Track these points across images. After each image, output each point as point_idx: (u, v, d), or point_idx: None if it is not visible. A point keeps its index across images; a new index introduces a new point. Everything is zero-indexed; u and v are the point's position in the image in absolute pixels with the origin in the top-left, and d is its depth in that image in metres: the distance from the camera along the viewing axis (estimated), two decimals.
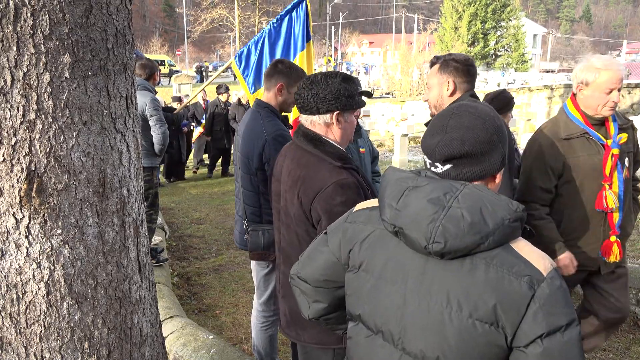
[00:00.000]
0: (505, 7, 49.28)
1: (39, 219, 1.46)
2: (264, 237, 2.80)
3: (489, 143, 1.25)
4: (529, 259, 1.17)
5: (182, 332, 3.45)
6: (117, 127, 1.62)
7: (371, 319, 1.35)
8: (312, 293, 1.54)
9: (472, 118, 1.27)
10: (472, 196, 1.19)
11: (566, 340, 1.13)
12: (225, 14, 41.11)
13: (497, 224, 1.16)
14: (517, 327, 1.14)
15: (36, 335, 1.52)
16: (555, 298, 1.14)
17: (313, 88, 2.03)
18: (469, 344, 1.17)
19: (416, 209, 1.21)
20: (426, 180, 1.26)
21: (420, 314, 1.23)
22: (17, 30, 1.37)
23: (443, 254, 1.19)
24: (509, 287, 1.14)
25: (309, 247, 1.58)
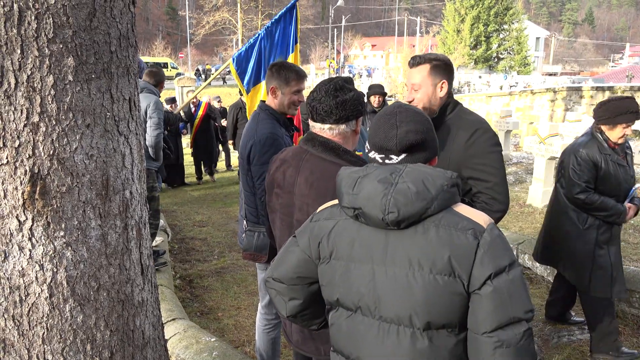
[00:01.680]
0: (507, 10, 49.26)
1: (42, 221, 1.47)
2: (258, 238, 2.82)
3: (432, 131, 1.53)
4: (469, 216, 1.39)
5: (184, 334, 3.45)
6: (120, 130, 1.63)
7: (348, 299, 1.50)
8: (287, 291, 1.66)
9: (413, 112, 1.52)
10: (414, 172, 1.41)
11: (511, 278, 1.33)
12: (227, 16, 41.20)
13: (438, 190, 1.38)
14: (470, 274, 1.34)
15: (39, 337, 1.52)
16: (496, 244, 1.35)
17: (339, 95, 1.96)
18: (434, 296, 1.35)
19: (369, 190, 1.41)
20: (373, 167, 1.48)
21: (389, 281, 1.41)
22: (21, 33, 1.38)
23: (398, 222, 1.38)
24: (457, 241, 1.34)
25: (280, 252, 1.70)
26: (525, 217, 7.13)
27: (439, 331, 1.38)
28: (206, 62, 56.30)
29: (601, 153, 3.33)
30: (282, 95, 2.84)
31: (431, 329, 1.38)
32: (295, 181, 2.06)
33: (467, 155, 2.37)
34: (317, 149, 2.02)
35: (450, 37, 49.10)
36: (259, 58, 5.19)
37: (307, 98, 2.12)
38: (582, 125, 11.49)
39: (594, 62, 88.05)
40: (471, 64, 48.01)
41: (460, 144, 2.38)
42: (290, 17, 5.24)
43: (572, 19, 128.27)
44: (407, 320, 1.39)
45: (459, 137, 2.39)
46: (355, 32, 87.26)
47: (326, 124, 2.01)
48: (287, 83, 2.81)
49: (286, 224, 2.14)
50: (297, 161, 2.08)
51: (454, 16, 49.19)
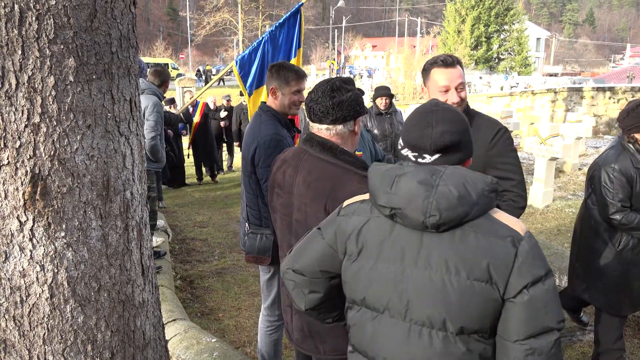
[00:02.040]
0: (508, 11, 49.25)
1: (42, 221, 1.47)
2: (260, 241, 2.81)
3: (468, 132, 1.49)
4: (507, 223, 1.37)
5: (184, 335, 3.45)
6: (120, 131, 1.63)
7: (375, 299, 1.47)
8: (308, 284, 1.63)
9: (451, 112, 1.47)
10: (455, 175, 1.38)
11: (547, 288, 1.33)
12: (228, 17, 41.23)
13: (479, 195, 1.36)
14: (507, 281, 1.32)
15: (39, 337, 1.52)
16: (534, 253, 1.34)
17: (335, 96, 1.96)
18: (470, 302, 1.34)
19: (409, 190, 1.38)
20: (410, 167, 1.44)
21: (422, 284, 1.38)
22: (22, 34, 1.38)
23: (438, 225, 1.36)
24: (497, 249, 1.33)
25: (301, 243, 1.68)
26: (527, 218, 7.13)
27: (470, 336, 1.37)
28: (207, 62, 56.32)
29: (635, 167, 3.01)
30: (283, 96, 2.83)
31: (464, 333, 1.37)
32: (294, 181, 2.07)
33: (491, 154, 2.38)
34: (315, 149, 2.02)
35: (450, 38, 49.09)
36: (262, 61, 5.20)
37: (305, 99, 2.12)
38: (583, 126, 11.50)
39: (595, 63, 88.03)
40: (472, 65, 48.01)
41: (483, 144, 2.36)
42: (294, 21, 5.25)
43: (572, 19, 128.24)
44: (439, 324, 1.38)
45: (482, 137, 2.37)
46: (355, 33, 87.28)
47: (323, 125, 2.01)
48: (287, 83, 2.81)
49: (286, 224, 2.15)
50: (296, 161, 2.09)
51: (455, 17, 49.18)
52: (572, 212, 7.36)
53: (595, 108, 16.53)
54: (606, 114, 16.47)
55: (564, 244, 5.74)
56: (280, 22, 5.32)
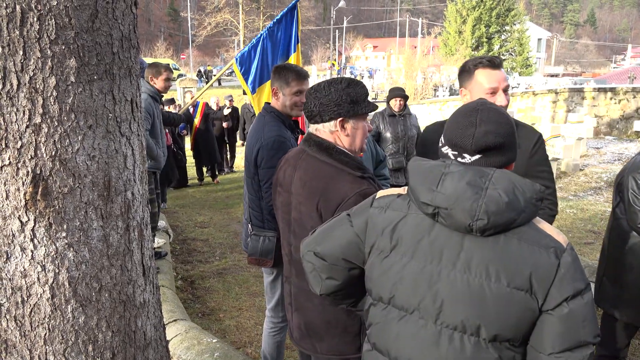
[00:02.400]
0: (509, 11, 49.22)
1: (44, 222, 1.47)
2: (263, 243, 2.80)
3: (513, 135, 1.43)
4: (551, 234, 1.35)
5: (185, 335, 3.45)
6: (122, 131, 1.63)
7: (405, 299, 1.44)
8: (327, 270, 1.60)
9: (497, 114, 1.42)
10: (504, 179, 1.34)
11: (586, 302, 1.31)
12: (229, 18, 41.25)
13: (527, 202, 1.33)
14: (547, 292, 1.30)
15: (40, 338, 1.52)
16: (575, 265, 1.32)
17: (317, 97, 1.99)
18: (507, 309, 1.31)
19: (457, 191, 1.34)
20: (456, 166, 1.39)
21: (459, 287, 1.35)
22: (24, 34, 1.38)
23: (485, 229, 1.32)
24: (539, 258, 1.30)
25: (326, 226, 1.63)
26: None
27: (502, 343, 1.35)
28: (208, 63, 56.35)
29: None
30: (284, 97, 2.83)
31: (497, 341, 1.34)
32: (292, 180, 2.09)
33: (532, 162, 2.33)
34: (312, 148, 2.05)
35: (451, 39, 49.07)
36: (262, 58, 5.20)
37: None
38: (584, 127, 11.49)
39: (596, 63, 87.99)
40: None
41: (525, 153, 2.30)
42: (291, 17, 5.26)
43: (574, 20, 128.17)
44: (473, 329, 1.35)
45: (524, 145, 2.30)
46: (356, 33, 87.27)
47: (314, 125, 2.06)
48: (288, 84, 2.81)
49: (286, 222, 2.17)
50: (295, 160, 2.12)
51: (456, 17, 49.17)
52: (573, 212, 7.36)
53: (596, 109, 16.52)
54: (607, 115, 16.45)
55: None
56: (277, 18, 5.35)
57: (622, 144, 13.12)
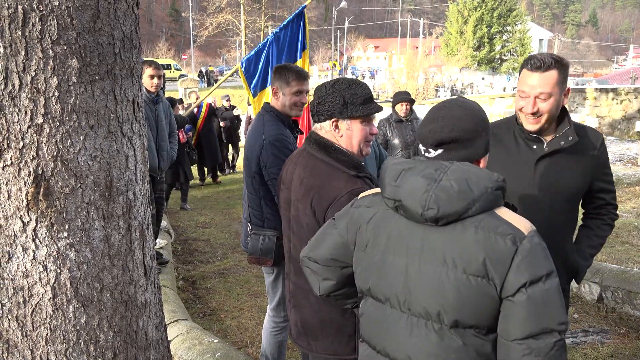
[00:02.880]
0: (511, 12, 49.23)
1: (45, 222, 1.47)
2: (263, 242, 2.81)
3: (474, 131, 1.46)
4: (511, 222, 1.36)
5: (187, 335, 3.45)
6: (123, 131, 1.63)
7: (379, 290, 1.51)
8: (322, 271, 1.69)
9: (460, 110, 1.48)
10: (459, 170, 1.39)
11: (547, 288, 1.31)
12: (231, 18, 41.29)
13: (481, 192, 1.35)
14: (504, 279, 1.31)
15: (42, 338, 1.52)
16: (535, 252, 1.32)
17: (319, 96, 2.03)
18: (465, 296, 1.35)
19: (412, 183, 1.41)
20: (419, 162, 1.47)
21: (422, 276, 1.40)
22: (26, 34, 1.38)
23: (437, 219, 1.37)
24: (495, 245, 1.32)
25: (317, 232, 1.73)
26: None
27: (466, 330, 1.37)
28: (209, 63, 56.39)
29: None
30: (283, 96, 2.84)
31: (459, 327, 1.37)
32: (292, 177, 2.13)
33: (597, 166, 2.23)
34: (311, 146, 2.08)
35: (453, 39, 49.08)
36: (267, 63, 5.20)
37: None
38: None
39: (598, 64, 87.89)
40: (474, 66, 47.99)
41: (592, 157, 2.21)
42: (298, 23, 5.25)
43: (575, 20, 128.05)
44: (435, 316, 1.39)
45: (587, 148, 2.20)
46: (358, 34, 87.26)
47: (315, 123, 2.09)
48: (287, 83, 2.82)
49: (286, 219, 2.21)
50: (296, 158, 2.16)
51: (457, 18, 49.19)
52: None
53: (598, 109, 16.50)
54: (609, 115, 16.43)
55: None
56: (284, 23, 5.34)
57: (624, 144, 13.11)
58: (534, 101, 2.08)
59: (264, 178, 2.77)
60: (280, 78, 2.84)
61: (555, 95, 2.08)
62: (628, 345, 3.67)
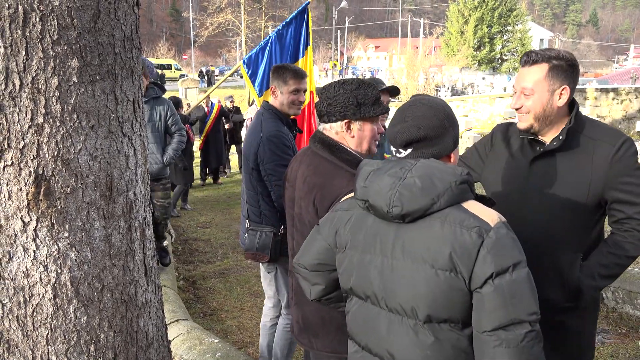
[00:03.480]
0: (511, 12, 49.23)
1: (46, 222, 1.47)
2: (260, 238, 2.85)
3: (440, 127, 1.51)
4: (477, 214, 1.37)
5: (187, 335, 3.46)
6: (124, 131, 1.63)
7: (359, 288, 1.54)
8: (311, 277, 1.72)
9: (425, 108, 1.52)
10: (423, 167, 1.42)
11: (514, 279, 1.31)
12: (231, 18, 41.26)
13: (445, 186, 1.38)
14: (471, 271, 1.32)
15: (43, 338, 1.52)
16: (501, 244, 1.32)
17: (327, 97, 2.02)
18: (435, 291, 1.36)
19: (378, 183, 1.44)
20: (388, 162, 1.50)
21: (395, 273, 1.43)
22: (26, 34, 1.38)
23: (402, 216, 1.40)
24: (461, 238, 1.33)
25: (306, 239, 1.76)
26: None
27: (440, 325, 1.39)
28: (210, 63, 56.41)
29: None
30: (281, 95, 2.89)
31: (432, 322, 1.39)
32: (297, 175, 2.15)
33: (612, 173, 1.93)
34: (316, 145, 2.09)
35: (453, 39, 49.07)
36: (270, 61, 5.16)
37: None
38: None
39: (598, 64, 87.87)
40: (475, 66, 48.00)
41: (603, 161, 1.95)
42: (301, 20, 5.21)
43: (576, 20, 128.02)
44: (410, 312, 1.41)
45: (600, 152, 1.95)
46: (358, 34, 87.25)
47: (323, 123, 2.08)
48: (285, 82, 2.86)
49: (290, 217, 2.24)
50: (301, 157, 2.19)
51: (458, 17, 49.18)
52: None
53: (598, 109, 16.50)
54: (610, 115, 16.43)
55: None
56: (287, 20, 5.28)
57: None
58: (518, 96, 2.01)
59: (261, 174, 2.79)
60: (278, 77, 2.89)
61: (540, 92, 1.95)
62: (628, 345, 3.66)
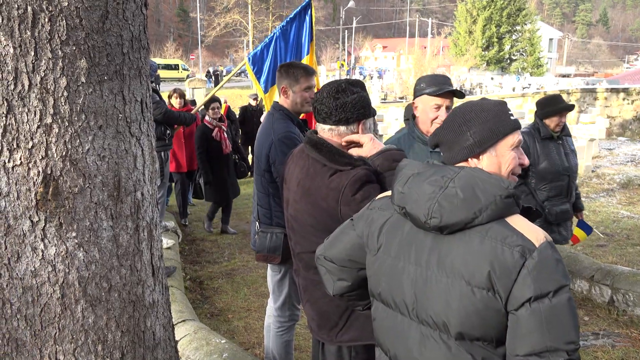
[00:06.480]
0: (520, 11, 48.96)
1: (54, 222, 1.48)
2: (271, 239, 2.84)
3: (451, 132, 1.47)
4: (522, 232, 1.29)
5: (194, 336, 3.46)
6: (132, 131, 1.64)
7: (388, 295, 1.50)
8: (337, 272, 1.68)
9: (453, 111, 1.50)
10: (467, 177, 1.34)
11: (554, 304, 1.23)
12: (239, 18, 41.38)
13: (489, 200, 1.30)
14: (509, 292, 1.26)
15: (50, 337, 1.53)
16: (544, 266, 1.25)
17: (340, 97, 1.97)
18: (469, 308, 1.30)
19: (418, 191, 1.39)
20: (430, 167, 1.44)
21: (428, 285, 1.38)
22: (35, 35, 1.39)
23: (441, 228, 1.34)
24: (501, 256, 1.26)
25: (335, 231, 1.72)
26: None
27: (473, 342, 1.33)
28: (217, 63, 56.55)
29: None
30: (294, 94, 2.87)
31: (464, 339, 1.33)
32: (291, 177, 2.15)
33: None
34: (310, 148, 2.06)
35: (462, 39, 48.91)
36: (275, 58, 5.15)
37: (312, 98, 2.15)
38: (596, 128, 11.39)
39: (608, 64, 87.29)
40: (483, 66, 47.79)
41: None
42: (304, 16, 5.18)
43: (586, 19, 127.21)
44: (441, 326, 1.36)
45: None
46: (366, 34, 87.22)
47: (327, 125, 2.04)
48: (297, 80, 2.84)
49: (286, 217, 2.24)
50: (296, 158, 2.18)
51: (466, 17, 49.00)
52: (585, 214, 7.29)
53: (608, 109, 16.37)
54: (620, 116, 16.30)
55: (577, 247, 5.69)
56: (290, 16, 5.26)
57: (635, 145, 13.00)
58: None
59: (272, 175, 2.78)
60: (288, 76, 2.86)
61: None
62: (639, 348, 3.63)
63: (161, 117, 5.27)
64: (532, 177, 3.84)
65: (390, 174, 1.93)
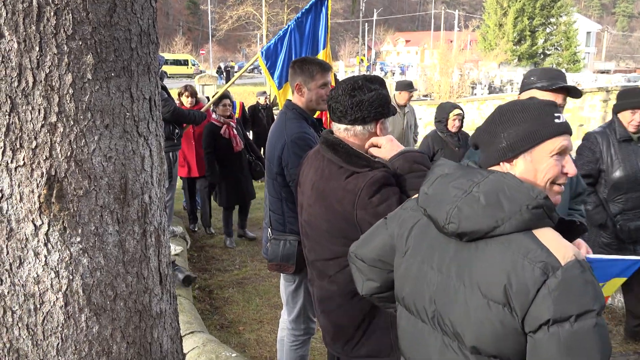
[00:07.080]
0: (555, 2, 48.44)
1: (58, 226, 1.50)
2: (284, 247, 2.82)
3: (486, 133, 1.45)
4: (549, 247, 1.24)
5: (203, 348, 3.48)
6: (139, 131, 1.65)
7: (411, 300, 1.51)
8: (367, 271, 1.71)
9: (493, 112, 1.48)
10: (494, 182, 1.32)
11: (576, 330, 1.17)
12: (252, 11, 41.54)
13: (514, 209, 1.27)
14: (526, 311, 1.22)
15: (53, 348, 1.55)
16: (569, 286, 1.19)
17: (356, 95, 1.97)
18: (485, 323, 1.28)
19: (442, 193, 1.38)
20: (461, 169, 1.43)
21: (447, 293, 1.38)
22: (40, 29, 1.41)
23: (459, 234, 1.33)
24: (521, 271, 1.23)
25: (368, 230, 1.74)
26: None
27: (490, 359, 1.31)
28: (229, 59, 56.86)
29: None
30: (309, 91, 2.84)
31: (481, 354, 1.31)
32: (306, 180, 2.16)
33: None
34: (326, 148, 2.07)
35: (491, 32, 48.53)
36: (289, 52, 5.13)
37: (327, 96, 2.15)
38: None
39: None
40: (514, 61, 47.35)
41: None
42: (321, 7, 5.16)
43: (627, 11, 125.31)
44: (457, 336, 1.36)
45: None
46: (387, 27, 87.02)
47: (342, 124, 2.04)
48: (312, 77, 2.82)
49: (300, 223, 2.27)
50: (312, 160, 2.19)
51: (496, 9, 48.62)
52: None
53: None
54: None
55: None
56: (306, 8, 5.23)
57: None
58: None
59: (285, 179, 2.78)
60: (303, 73, 2.83)
61: None
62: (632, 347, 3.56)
63: (169, 115, 5.31)
64: (605, 185, 3.58)
65: (411, 176, 1.92)
